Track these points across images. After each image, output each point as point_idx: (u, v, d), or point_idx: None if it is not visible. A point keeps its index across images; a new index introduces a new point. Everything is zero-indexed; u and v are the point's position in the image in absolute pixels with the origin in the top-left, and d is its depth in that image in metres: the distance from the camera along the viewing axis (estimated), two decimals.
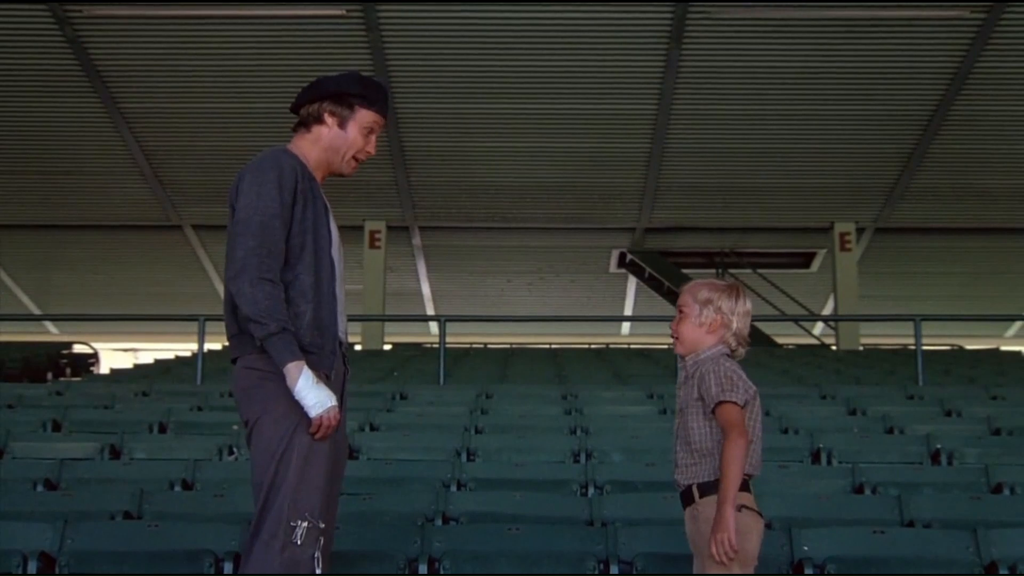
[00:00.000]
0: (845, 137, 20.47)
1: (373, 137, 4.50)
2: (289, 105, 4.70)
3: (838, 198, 22.41)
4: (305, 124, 4.53)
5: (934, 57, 18.70)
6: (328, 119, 4.47)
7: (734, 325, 4.46)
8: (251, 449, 4.24)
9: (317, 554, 4.06)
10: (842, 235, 23.04)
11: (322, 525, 4.08)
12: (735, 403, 4.21)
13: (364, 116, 4.47)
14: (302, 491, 4.07)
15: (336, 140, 4.46)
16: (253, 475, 4.20)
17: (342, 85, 4.50)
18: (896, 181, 21.84)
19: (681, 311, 4.50)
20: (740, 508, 4.09)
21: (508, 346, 23.23)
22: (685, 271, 24.64)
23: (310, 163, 4.46)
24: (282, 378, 4.07)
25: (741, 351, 4.48)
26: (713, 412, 4.25)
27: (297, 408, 4.07)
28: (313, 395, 4.05)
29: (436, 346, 16.29)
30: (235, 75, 19.21)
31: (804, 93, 19.43)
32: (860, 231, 23.42)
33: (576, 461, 8.03)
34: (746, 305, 4.51)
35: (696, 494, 4.24)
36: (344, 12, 17.91)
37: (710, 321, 4.43)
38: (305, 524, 4.04)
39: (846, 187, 22.05)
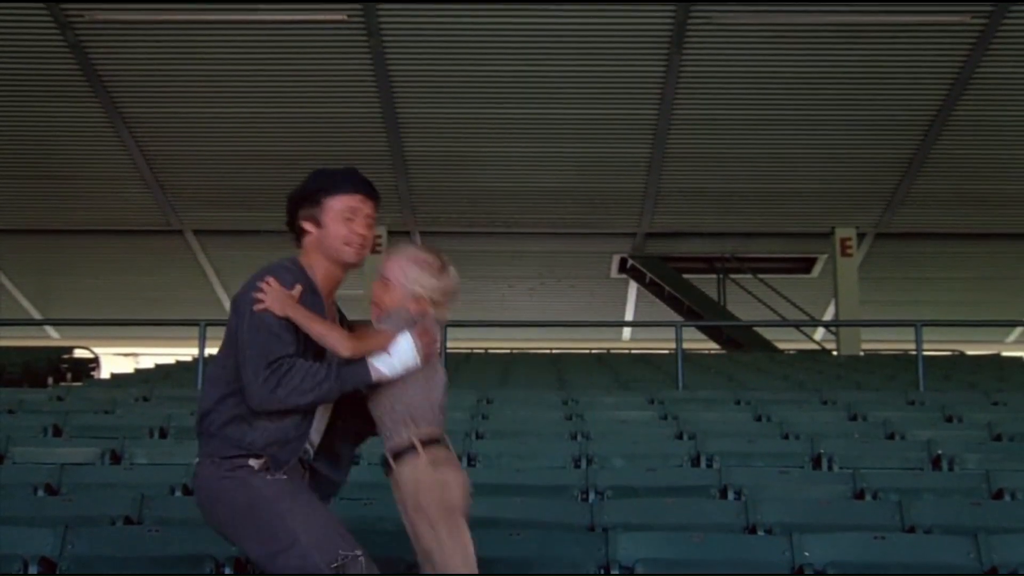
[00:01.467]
0: (846, 142, 20.48)
1: (358, 219, 4.45)
2: (291, 110, 4.75)
3: (839, 203, 22.41)
4: (298, 239, 4.56)
5: (935, 62, 18.72)
6: (307, 225, 4.49)
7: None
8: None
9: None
10: (843, 240, 23.03)
11: (358, 552, 4.13)
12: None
13: (333, 203, 4.45)
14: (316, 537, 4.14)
15: (322, 239, 4.47)
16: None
17: (304, 187, 4.52)
18: (897, 186, 21.84)
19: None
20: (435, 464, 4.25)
21: (509, 351, 23.22)
22: (686, 276, 24.66)
23: (318, 272, 4.49)
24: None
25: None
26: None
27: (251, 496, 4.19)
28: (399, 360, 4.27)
29: None
30: (236, 80, 19.23)
31: (805, 98, 19.45)
32: (861, 236, 23.41)
33: (577, 466, 8.03)
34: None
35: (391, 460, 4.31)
36: (345, 17, 17.93)
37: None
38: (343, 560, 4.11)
39: (847, 192, 22.06)
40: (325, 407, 4.40)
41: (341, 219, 4.43)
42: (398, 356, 4.27)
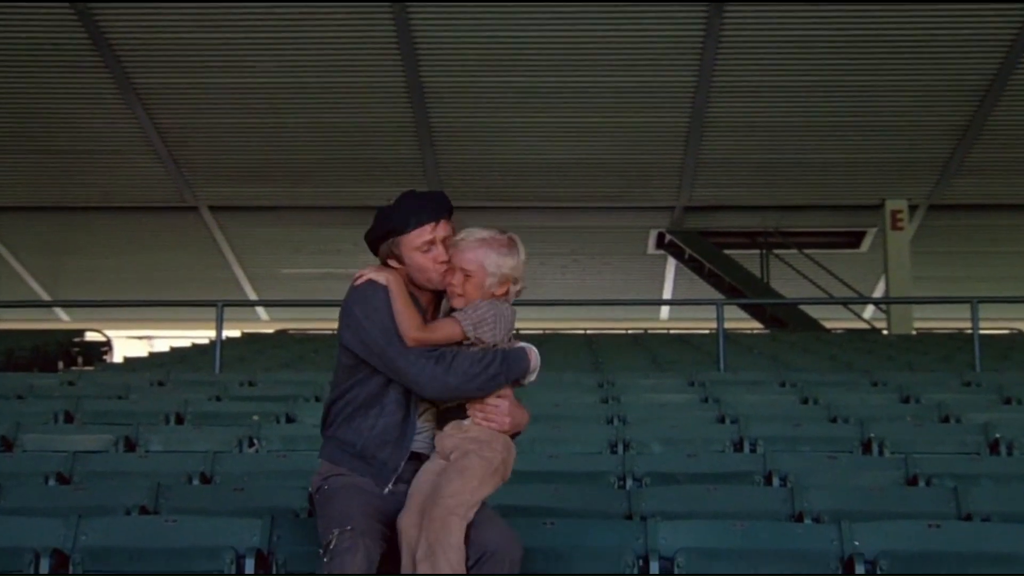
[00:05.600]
0: (897, 109, 20.36)
1: (435, 247, 4.87)
2: (311, 79, 4.94)
3: (889, 174, 22.30)
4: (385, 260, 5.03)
5: (991, 24, 18.58)
6: (391, 262, 4.95)
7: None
8: None
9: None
10: (894, 213, 22.94)
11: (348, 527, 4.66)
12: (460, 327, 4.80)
13: (408, 241, 4.88)
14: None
15: (410, 272, 4.92)
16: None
17: (376, 229, 4.95)
18: (951, 155, 21.71)
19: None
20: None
21: (541, 331, 23.22)
22: (727, 252, 24.60)
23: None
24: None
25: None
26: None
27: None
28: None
29: None
30: (254, 48, 19.24)
31: (853, 62, 19.33)
32: (913, 208, 23.31)
33: (613, 452, 8.03)
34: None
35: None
36: None
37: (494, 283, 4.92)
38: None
39: (898, 161, 21.95)
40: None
41: (422, 251, 4.87)
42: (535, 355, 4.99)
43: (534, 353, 4.99)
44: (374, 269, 4.91)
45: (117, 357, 21.32)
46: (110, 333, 24.13)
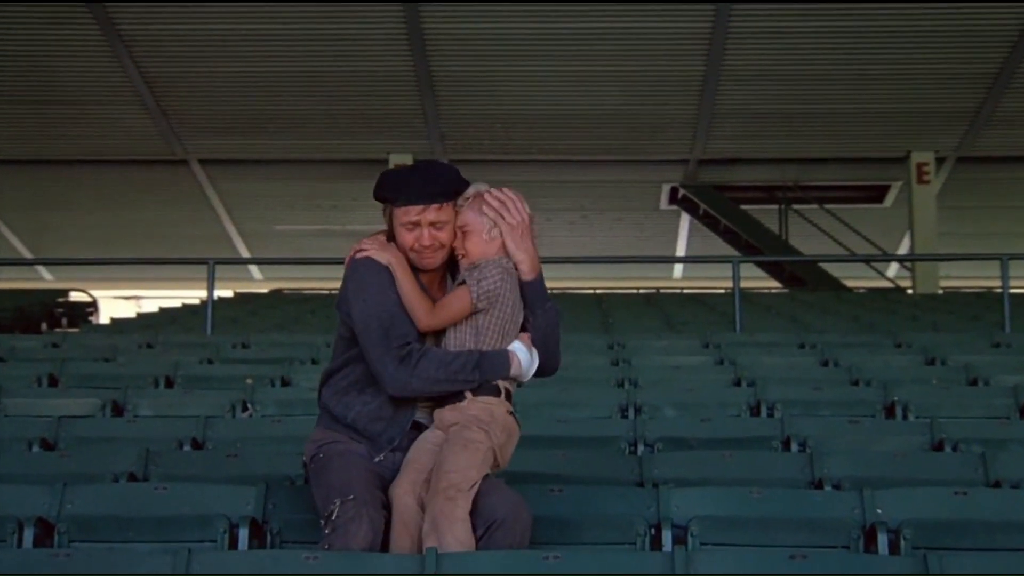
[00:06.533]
0: (923, 56, 20.28)
1: (419, 230, 4.93)
2: (305, 26, 4.95)
3: (915, 124, 22.25)
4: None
5: None
6: (388, 227, 5.07)
7: None
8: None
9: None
10: (919, 166, 22.90)
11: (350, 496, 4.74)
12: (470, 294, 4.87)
13: (397, 214, 4.98)
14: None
15: (398, 241, 5.02)
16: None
17: (374, 193, 5.05)
18: (980, 105, 21.65)
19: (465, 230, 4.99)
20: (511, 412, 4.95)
21: (548, 291, 23.28)
22: (744, 207, 24.57)
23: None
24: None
25: None
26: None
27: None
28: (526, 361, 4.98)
29: None
30: None
31: (879, 7, 19.24)
32: (940, 161, 23.26)
33: (624, 416, 8.05)
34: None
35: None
36: None
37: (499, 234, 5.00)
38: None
39: (924, 112, 21.89)
40: None
41: (407, 229, 4.95)
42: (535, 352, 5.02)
43: (517, 357, 4.96)
44: (379, 245, 4.98)
45: (103, 318, 21.35)
46: (96, 293, 24.14)
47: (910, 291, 22.71)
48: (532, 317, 5.07)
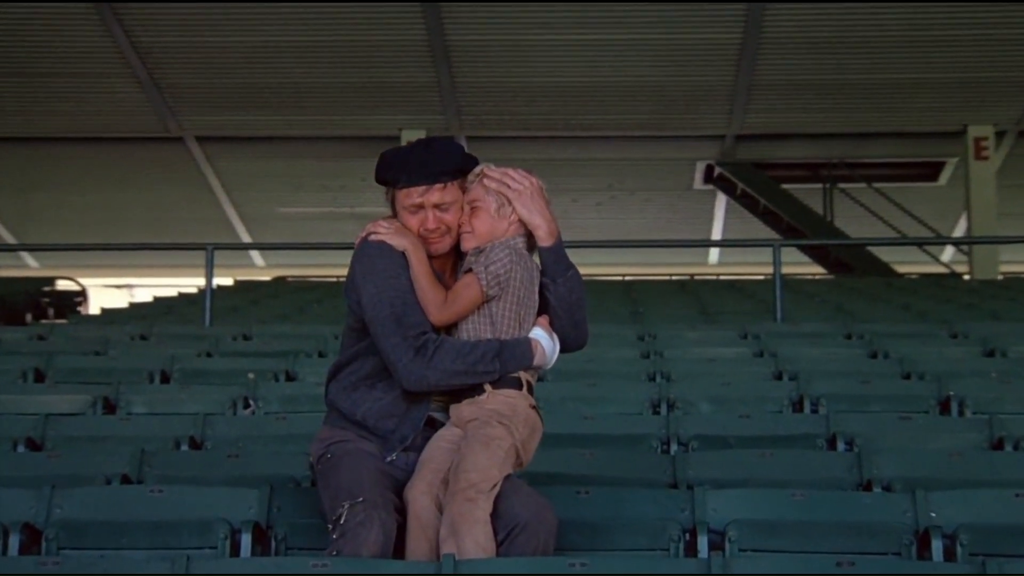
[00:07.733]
0: (981, 20, 20.21)
1: (424, 212, 4.98)
2: None
3: (972, 95, 22.21)
4: None
5: None
6: (390, 208, 5.14)
7: None
8: None
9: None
10: (977, 140, 22.86)
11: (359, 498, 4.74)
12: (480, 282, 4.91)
13: (398, 197, 5.03)
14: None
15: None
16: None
17: (376, 176, 5.09)
18: None
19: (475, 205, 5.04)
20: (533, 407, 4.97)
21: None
22: (785, 186, 24.55)
23: None
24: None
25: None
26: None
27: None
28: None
29: None
30: None
31: None
32: (1000, 135, 23.22)
33: (656, 413, 8.06)
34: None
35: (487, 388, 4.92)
36: None
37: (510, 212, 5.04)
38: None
39: (982, 82, 21.84)
40: None
41: (410, 212, 4.99)
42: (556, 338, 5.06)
43: (541, 345, 4.99)
44: (395, 228, 5.00)
45: (93, 308, 21.43)
46: (85, 281, 24.23)
47: (967, 277, 22.68)
48: (553, 286, 5.08)
